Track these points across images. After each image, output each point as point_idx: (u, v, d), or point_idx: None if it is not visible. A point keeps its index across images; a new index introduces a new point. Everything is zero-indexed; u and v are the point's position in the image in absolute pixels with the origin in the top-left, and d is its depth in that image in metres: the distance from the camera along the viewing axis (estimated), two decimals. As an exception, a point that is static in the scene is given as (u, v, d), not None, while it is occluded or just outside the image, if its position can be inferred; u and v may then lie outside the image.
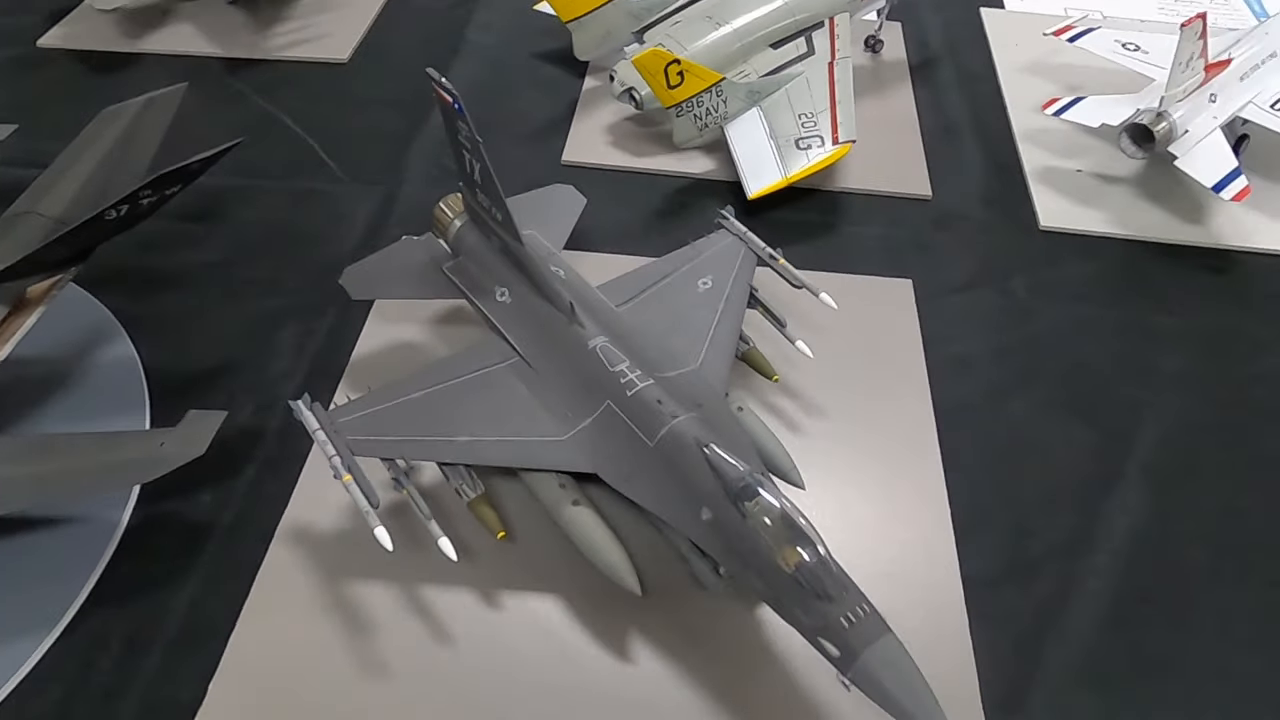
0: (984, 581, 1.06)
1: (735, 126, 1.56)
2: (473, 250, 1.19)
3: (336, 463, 0.97)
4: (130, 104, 1.28)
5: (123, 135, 1.26)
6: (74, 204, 1.22)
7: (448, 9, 2.03)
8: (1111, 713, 0.97)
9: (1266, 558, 1.10)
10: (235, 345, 1.30)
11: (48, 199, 1.22)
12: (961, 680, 0.97)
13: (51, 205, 1.21)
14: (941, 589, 1.05)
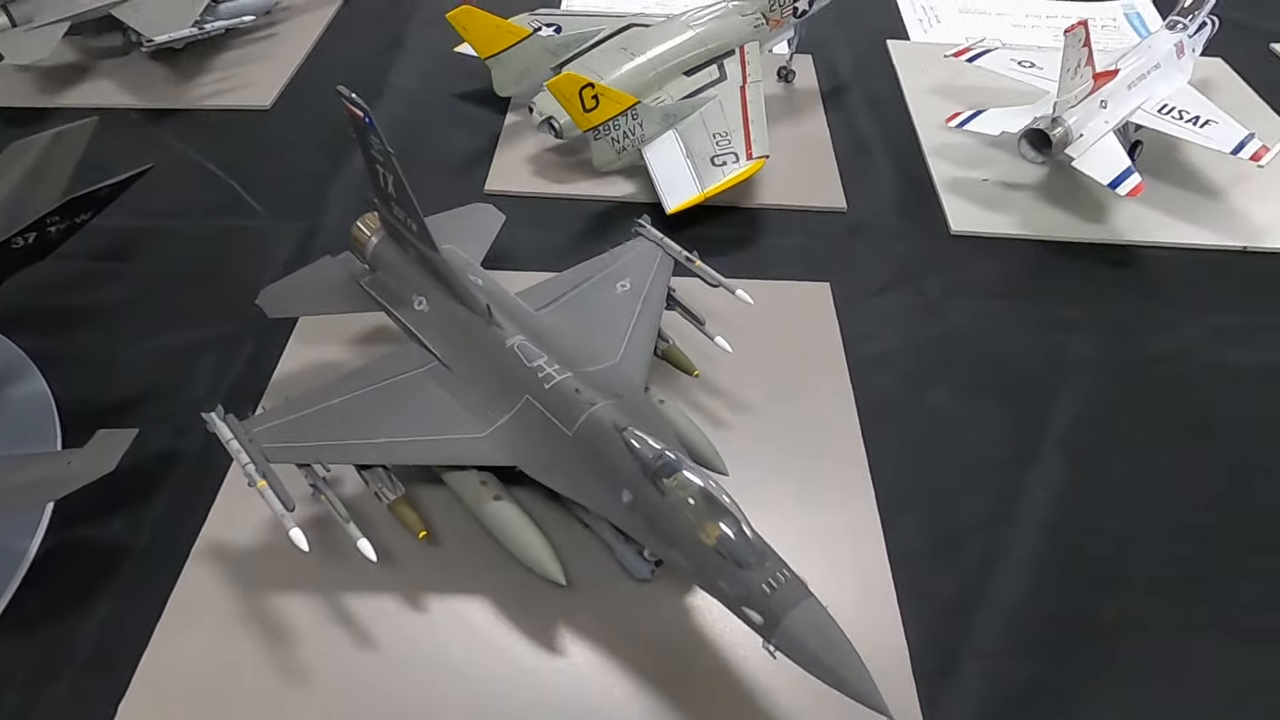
0: (911, 558, 1.06)
1: (653, 148, 1.60)
2: (390, 263, 1.20)
3: (250, 470, 0.95)
4: (38, 138, 1.27)
5: (30, 170, 1.25)
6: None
7: (370, 56, 2.06)
8: (1038, 677, 0.97)
9: (1178, 518, 1.13)
10: (152, 377, 1.28)
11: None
12: (892, 651, 0.97)
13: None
14: (869, 567, 1.05)
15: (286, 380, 1.25)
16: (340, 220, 1.56)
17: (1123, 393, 1.30)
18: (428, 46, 2.07)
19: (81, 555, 1.05)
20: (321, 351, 1.29)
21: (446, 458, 1.00)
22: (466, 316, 1.11)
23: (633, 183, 1.66)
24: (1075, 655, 0.99)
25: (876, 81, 2.03)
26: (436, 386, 1.06)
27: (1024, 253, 1.56)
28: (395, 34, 2.14)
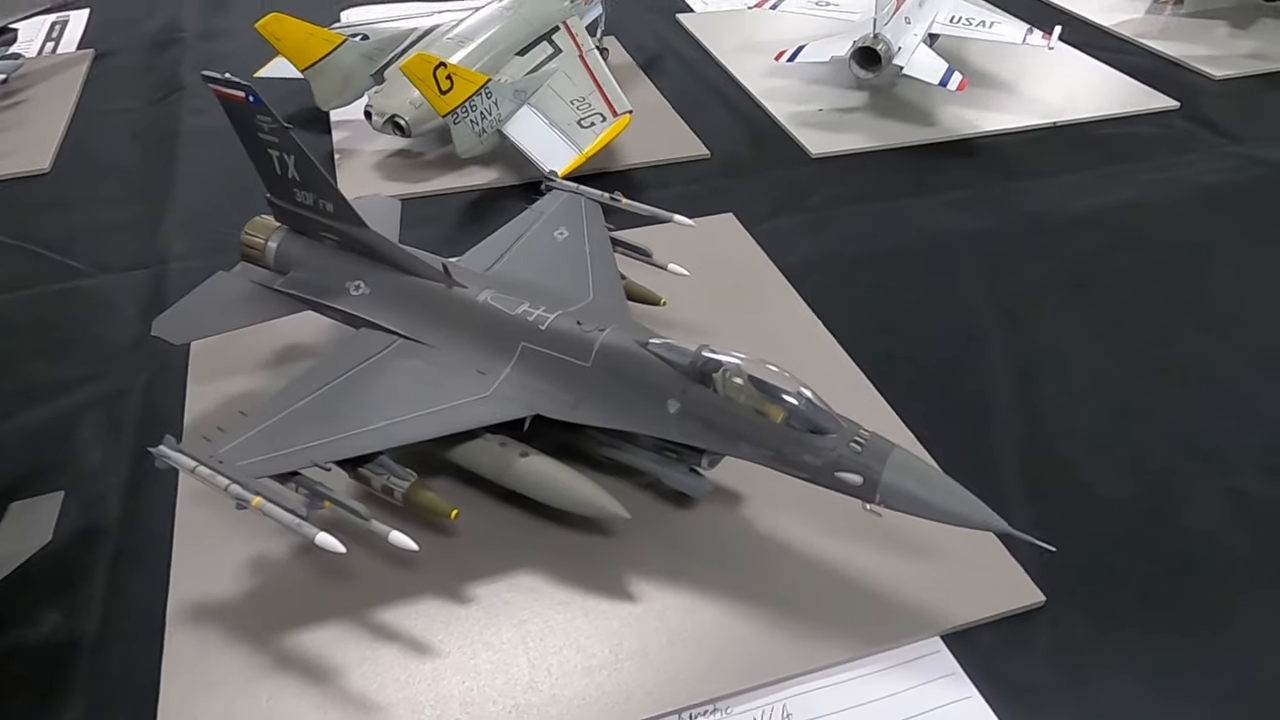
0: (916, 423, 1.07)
1: (513, 126, 1.54)
2: (304, 259, 1.06)
3: (236, 490, 0.80)
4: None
5: None
6: None
7: (148, 105, 1.85)
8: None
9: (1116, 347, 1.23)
10: (25, 461, 1.05)
11: None
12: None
13: None
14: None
15: (202, 422, 1.07)
16: (190, 264, 1.38)
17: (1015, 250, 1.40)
18: (215, 84, 1.89)
19: (18, 667, 0.84)
20: (229, 384, 1.12)
21: (456, 425, 0.89)
22: (422, 286, 1.00)
23: (494, 169, 1.59)
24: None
25: (683, 49, 2.09)
26: (413, 362, 0.95)
27: (882, 161, 1.65)
28: (170, 79, 1.94)
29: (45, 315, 1.28)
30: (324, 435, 0.87)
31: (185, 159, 1.66)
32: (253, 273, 1.09)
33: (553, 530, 0.93)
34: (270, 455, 0.84)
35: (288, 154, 1.01)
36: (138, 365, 1.18)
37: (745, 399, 0.84)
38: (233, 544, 0.92)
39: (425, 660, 0.83)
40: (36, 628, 0.87)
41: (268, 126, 1.00)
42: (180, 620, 0.86)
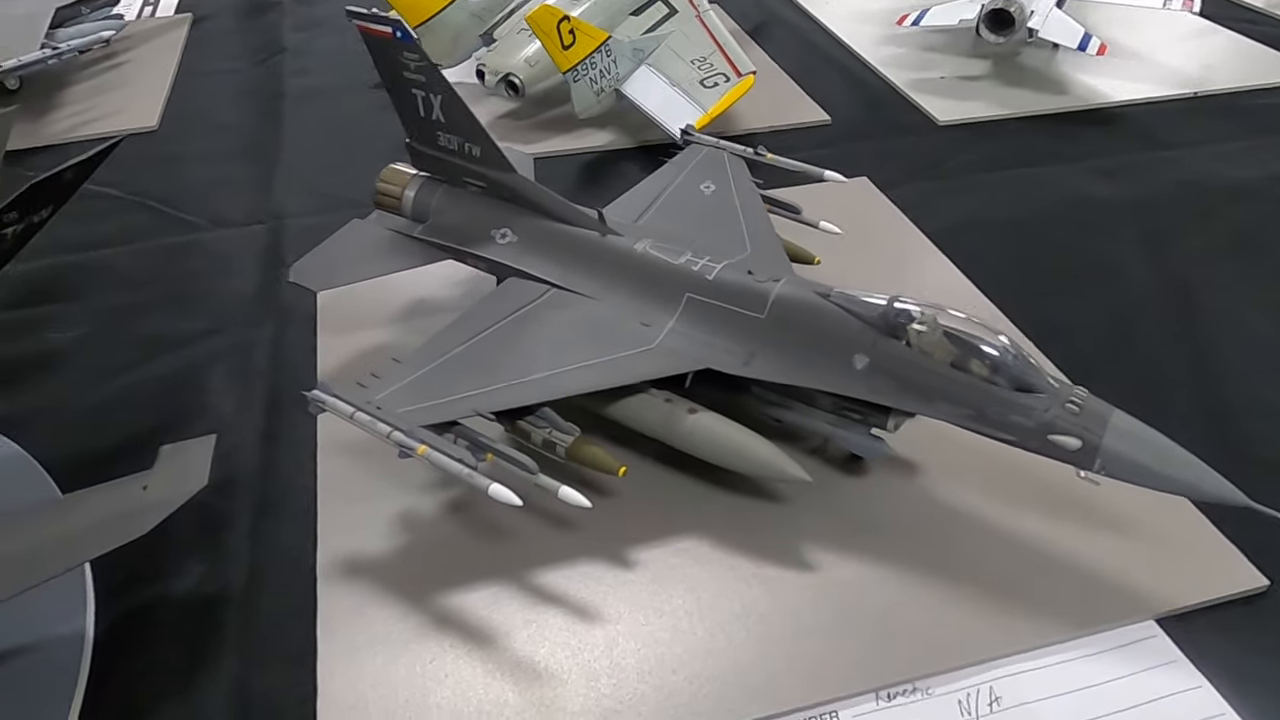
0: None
1: (632, 86, 1.48)
2: (445, 206, 1.02)
3: (399, 438, 0.75)
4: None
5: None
6: (-105, 264, 0.92)
7: (250, 67, 1.83)
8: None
9: None
10: (155, 407, 1.02)
11: None
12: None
13: None
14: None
15: (337, 373, 1.02)
16: (301, 215, 1.35)
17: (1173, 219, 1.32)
18: (318, 47, 1.87)
19: (162, 620, 0.80)
20: (359, 336, 1.08)
21: (621, 378, 0.83)
22: (574, 234, 0.95)
23: (608, 131, 1.54)
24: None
25: (789, 16, 2.03)
26: (569, 312, 0.89)
27: (1013, 129, 1.57)
28: (270, 42, 1.91)
29: (165, 268, 1.25)
30: (483, 385, 0.82)
31: (291, 118, 1.62)
32: (389, 220, 1.05)
33: (714, 493, 0.87)
34: (429, 403, 0.79)
35: (434, 94, 0.96)
36: (262, 317, 1.14)
37: (943, 353, 0.77)
38: (378, 497, 0.88)
39: (595, 625, 0.77)
40: (183, 578, 0.83)
41: (414, 64, 0.95)
42: (332, 576, 0.81)
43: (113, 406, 1.03)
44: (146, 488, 0.74)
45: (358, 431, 0.79)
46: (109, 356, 1.09)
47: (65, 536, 0.71)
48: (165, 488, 0.74)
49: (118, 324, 1.14)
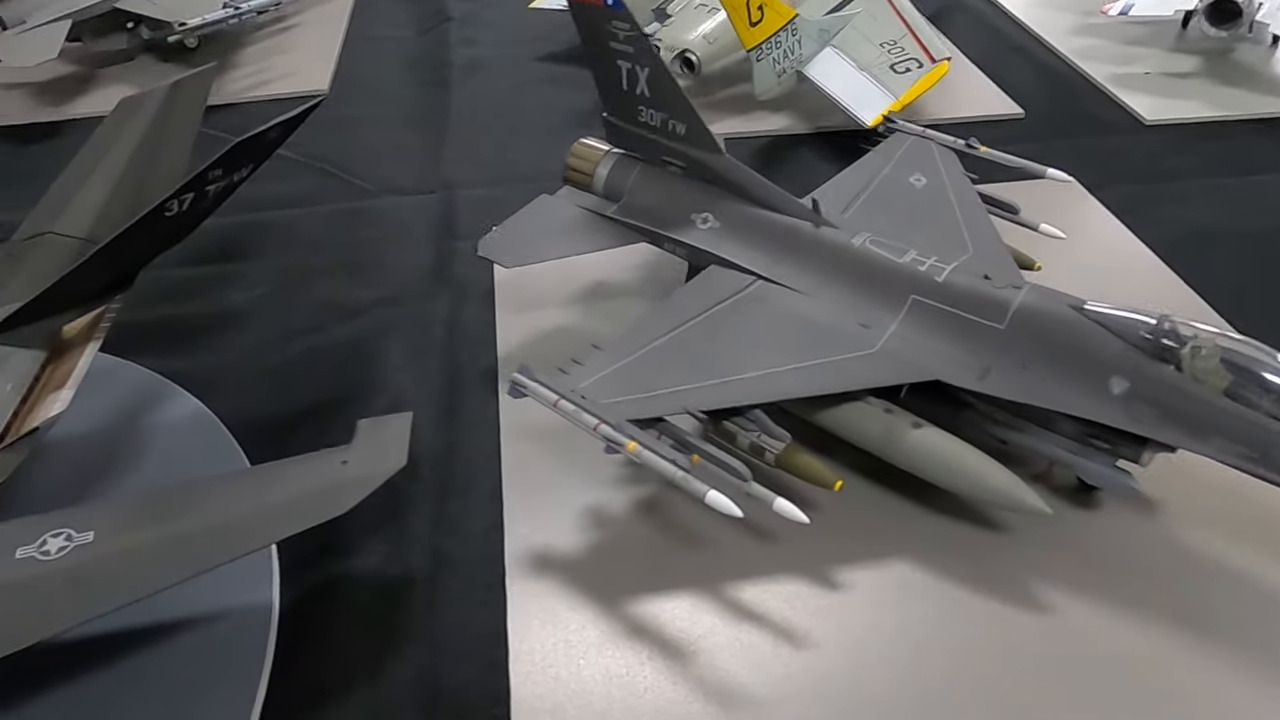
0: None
1: (816, 68, 1.40)
2: (641, 186, 0.97)
3: (606, 432, 0.71)
4: (152, 92, 0.99)
5: (149, 131, 0.97)
6: (102, 217, 0.92)
7: (416, 35, 1.82)
8: None
9: None
10: (334, 374, 1.00)
11: (67, 214, 0.91)
12: None
13: (73, 221, 0.91)
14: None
15: (518, 353, 0.99)
16: (472, 186, 1.33)
17: None
18: (483, 18, 1.85)
19: (346, 598, 0.78)
20: (538, 316, 1.04)
21: (840, 384, 0.76)
22: (785, 223, 0.89)
23: (783, 115, 1.46)
24: None
25: (970, 2, 1.90)
26: (780, 307, 0.83)
27: (1234, 132, 1.43)
28: (437, 11, 1.89)
29: (339, 233, 1.24)
30: (691, 380, 0.76)
31: (459, 88, 1.60)
32: (579, 197, 1.00)
33: (925, 514, 0.80)
34: (635, 396, 0.75)
35: (641, 66, 0.91)
36: (437, 289, 1.12)
37: (1219, 381, 0.68)
38: (565, 488, 0.84)
39: (801, 650, 0.71)
40: (365, 556, 0.80)
41: (623, 34, 0.90)
42: (520, 570, 0.78)
43: (291, 370, 1.02)
44: (346, 463, 0.71)
45: (542, 415, 0.75)
46: (287, 319, 1.09)
47: (267, 509, 0.69)
48: (364, 465, 0.71)
49: (296, 287, 1.14)
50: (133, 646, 0.73)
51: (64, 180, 0.94)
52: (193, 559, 0.66)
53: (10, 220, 1.20)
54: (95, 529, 0.67)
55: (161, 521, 0.67)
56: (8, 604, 0.63)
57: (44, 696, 0.70)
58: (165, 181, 0.96)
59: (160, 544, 0.66)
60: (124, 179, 0.94)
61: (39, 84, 1.64)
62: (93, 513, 0.69)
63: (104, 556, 0.65)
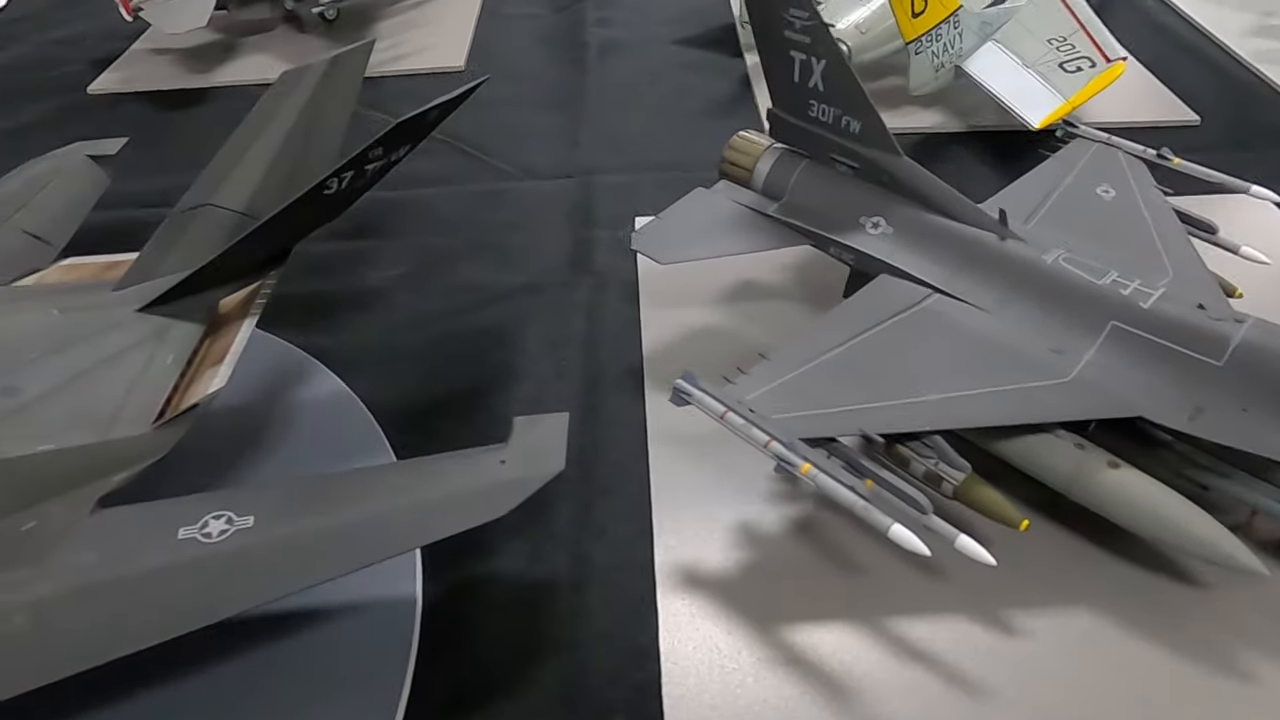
0: None
1: (976, 63, 1.32)
2: (806, 184, 0.92)
3: (778, 450, 0.66)
4: (310, 66, 0.98)
5: (307, 106, 0.96)
6: (259, 191, 0.91)
7: (551, 13, 1.79)
8: None
9: None
10: (473, 360, 0.99)
11: (226, 187, 0.91)
12: None
13: (231, 195, 0.90)
14: None
15: (663, 352, 0.96)
16: (610, 172, 1.29)
17: None
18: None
19: (489, 596, 0.75)
20: (684, 314, 1.00)
21: (1030, 414, 0.71)
22: (964, 232, 0.82)
23: (935, 111, 1.39)
24: None
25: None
26: (960, 324, 0.78)
27: None
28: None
29: (478, 215, 1.22)
30: (865, 399, 0.71)
31: (596, 71, 1.57)
32: (736, 192, 0.96)
33: (1114, 562, 0.74)
34: (806, 413, 0.70)
35: (818, 59, 0.86)
36: (577, 277, 1.09)
37: None
38: (715, 500, 0.80)
39: (974, 697, 0.66)
40: (508, 557, 0.78)
41: (800, 23, 0.85)
42: (670, 583, 0.74)
43: (431, 354, 1.00)
44: (504, 463, 0.68)
45: (691, 419, 0.71)
46: (426, 301, 1.07)
47: (425, 506, 0.66)
48: (522, 466, 0.68)
49: (435, 268, 1.12)
50: (276, 631, 0.72)
51: (224, 153, 0.94)
52: (351, 553, 0.64)
53: (157, 184, 1.23)
54: (255, 514, 0.65)
55: (320, 511, 0.66)
56: (171, 586, 0.62)
57: (186, 678, 0.69)
58: (320, 157, 0.96)
59: (319, 535, 0.64)
60: (281, 153, 0.93)
61: (183, 50, 1.67)
62: (252, 496, 0.68)
63: (264, 544, 0.64)
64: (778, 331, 0.96)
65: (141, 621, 0.61)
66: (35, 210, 0.99)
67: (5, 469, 0.67)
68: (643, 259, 1.07)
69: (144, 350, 0.77)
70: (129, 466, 0.71)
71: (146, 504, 0.69)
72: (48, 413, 0.70)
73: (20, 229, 0.97)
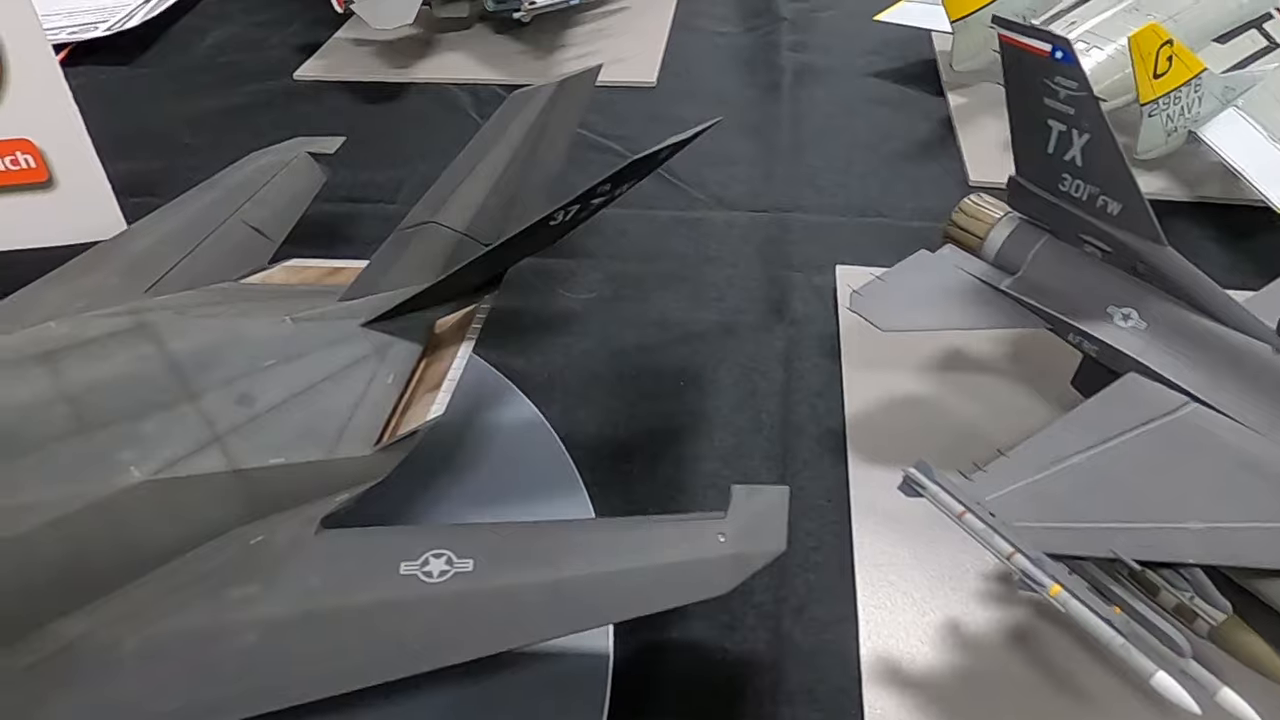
0: None
1: (1212, 129, 1.23)
2: (1046, 263, 0.86)
3: (1023, 565, 0.61)
4: (540, 89, 0.98)
5: (533, 128, 0.96)
6: (480, 213, 0.91)
7: (744, 32, 1.76)
8: None
9: None
10: (667, 398, 0.97)
11: (449, 206, 0.91)
12: None
13: (453, 214, 0.91)
14: None
15: (868, 421, 0.92)
16: (809, 210, 1.26)
17: None
18: (817, 22, 1.76)
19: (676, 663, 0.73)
20: (888, 378, 0.96)
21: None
22: (1233, 338, 0.76)
23: (1158, 175, 1.30)
24: None
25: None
26: (1223, 441, 0.71)
27: None
28: (766, 7, 1.82)
29: (670, 243, 1.20)
30: (1118, 516, 0.66)
31: (790, 98, 1.53)
32: (964, 260, 0.91)
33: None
34: (1052, 525, 0.65)
35: (1079, 132, 0.80)
36: (772, 322, 1.06)
37: None
38: (924, 591, 0.76)
39: None
40: (703, 622, 0.76)
41: (1066, 93, 0.79)
42: (877, 681, 0.71)
43: (622, 387, 0.99)
44: (723, 538, 0.66)
45: (897, 496, 0.67)
46: (619, 329, 1.06)
47: (643, 574, 0.64)
48: (742, 541, 0.66)
49: (627, 295, 1.11)
50: (469, 666, 0.71)
51: (450, 171, 0.95)
52: (571, 614, 0.63)
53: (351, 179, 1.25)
54: (474, 558, 0.65)
55: (539, 565, 0.64)
56: (391, 625, 0.62)
57: (367, 705, 0.67)
58: (541, 181, 0.96)
59: (539, 591, 0.63)
60: (504, 176, 0.93)
61: (383, 44, 1.70)
62: (470, 537, 0.67)
63: (484, 592, 0.63)
64: (994, 413, 0.92)
65: (362, 658, 0.61)
66: (260, 204, 1.02)
67: (240, 480, 0.68)
68: (846, 313, 1.04)
69: (367, 367, 0.78)
70: (350, 487, 0.72)
71: (366, 530, 0.70)
72: (280, 425, 0.71)
73: (245, 222, 1.00)
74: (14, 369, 0.69)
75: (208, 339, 0.75)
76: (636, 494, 0.86)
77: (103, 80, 1.63)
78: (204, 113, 1.52)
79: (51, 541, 0.61)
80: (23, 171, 1.13)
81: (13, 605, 0.60)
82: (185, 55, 1.72)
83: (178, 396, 0.70)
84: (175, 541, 0.65)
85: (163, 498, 0.65)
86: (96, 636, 0.61)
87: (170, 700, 0.59)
